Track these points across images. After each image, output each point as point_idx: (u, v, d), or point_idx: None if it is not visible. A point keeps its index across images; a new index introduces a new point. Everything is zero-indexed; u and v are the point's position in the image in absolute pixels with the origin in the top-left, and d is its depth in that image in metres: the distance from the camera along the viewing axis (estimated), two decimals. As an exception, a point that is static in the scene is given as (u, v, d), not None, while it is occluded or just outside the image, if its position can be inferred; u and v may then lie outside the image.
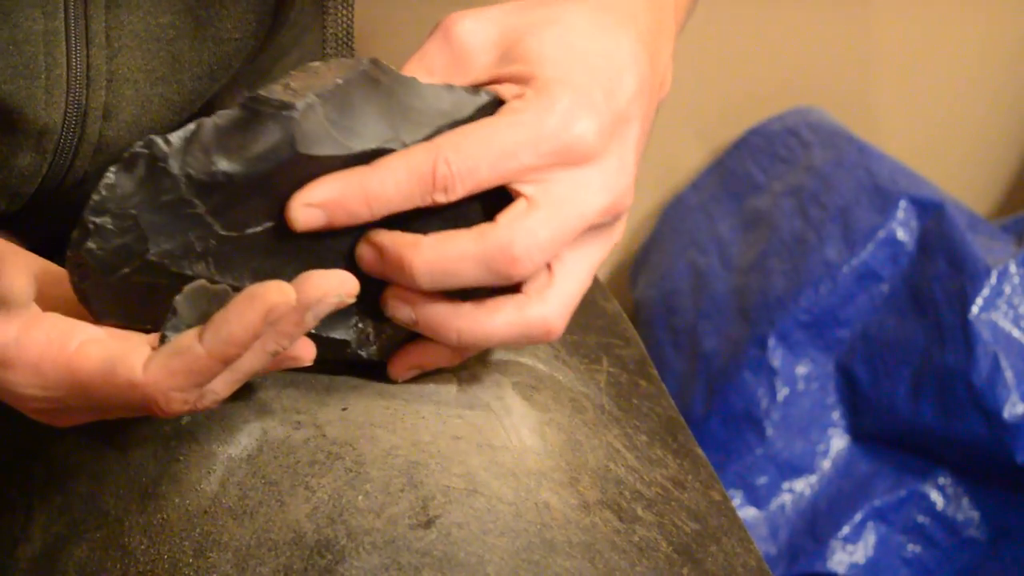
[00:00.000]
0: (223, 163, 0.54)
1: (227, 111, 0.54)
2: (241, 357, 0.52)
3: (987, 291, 1.15)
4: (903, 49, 1.42)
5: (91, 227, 0.53)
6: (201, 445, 0.58)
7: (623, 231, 0.60)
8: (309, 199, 0.55)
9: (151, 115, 0.66)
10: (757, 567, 0.62)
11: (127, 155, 0.53)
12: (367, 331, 0.59)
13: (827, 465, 1.22)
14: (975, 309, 1.15)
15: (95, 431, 0.62)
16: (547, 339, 0.57)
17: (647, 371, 0.70)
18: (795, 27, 1.39)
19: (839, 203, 1.26)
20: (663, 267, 1.37)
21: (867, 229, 1.23)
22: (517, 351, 0.64)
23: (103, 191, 0.53)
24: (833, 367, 1.24)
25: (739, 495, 1.21)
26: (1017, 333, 1.15)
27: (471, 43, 0.58)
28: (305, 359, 0.56)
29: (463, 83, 0.58)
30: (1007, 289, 1.15)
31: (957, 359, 1.15)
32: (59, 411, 0.55)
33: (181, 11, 0.64)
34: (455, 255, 0.55)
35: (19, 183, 0.65)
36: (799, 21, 1.39)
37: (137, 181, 0.53)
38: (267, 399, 0.59)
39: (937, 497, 1.19)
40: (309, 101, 0.54)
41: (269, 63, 0.77)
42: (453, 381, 0.61)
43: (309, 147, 0.54)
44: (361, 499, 0.55)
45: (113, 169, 0.53)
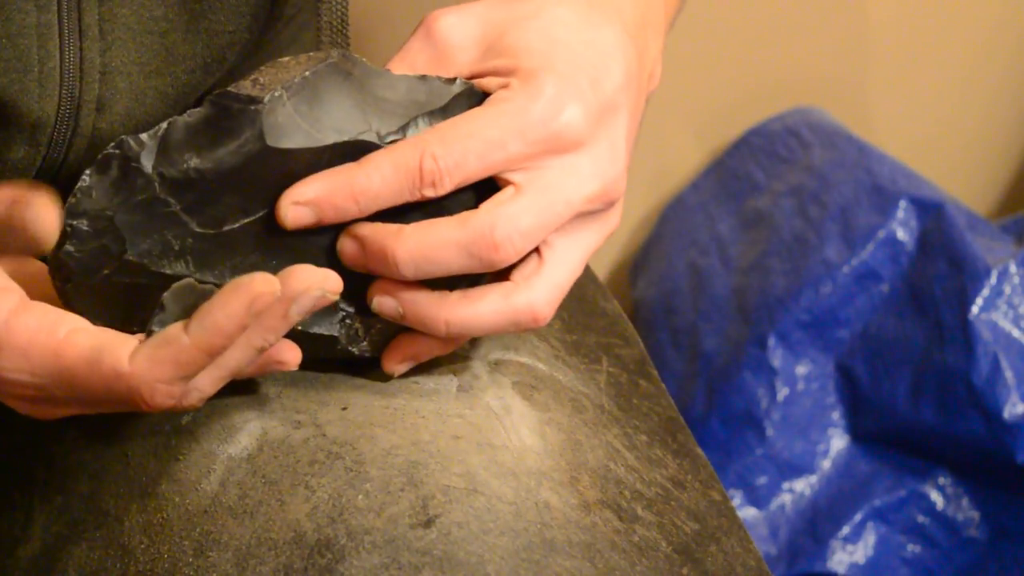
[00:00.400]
0: (194, 160, 0.54)
1: (197, 108, 0.54)
2: (226, 351, 0.52)
3: (987, 291, 1.15)
4: (903, 49, 1.42)
5: (68, 230, 0.54)
6: (201, 444, 0.58)
7: (619, 219, 0.60)
8: (297, 197, 0.55)
9: (145, 108, 0.66)
10: (757, 567, 0.62)
11: (101, 157, 0.53)
12: (355, 327, 0.59)
13: (827, 465, 1.22)
14: (975, 309, 1.15)
15: (95, 431, 0.62)
16: (535, 325, 0.57)
17: (647, 371, 0.70)
18: (795, 27, 1.39)
19: (839, 203, 1.26)
20: (663, 267, 1.37)
21: (867, 229, 1.23)
22: (516, 351, 0.64)
23: (78, 194, 0.54)
24: (833, 367, 1.24)
25: (739, 495, 1.21)
26: (1017, 333, 1.15)
27: (453, 39, 0.58)
28: (290, 363, 0.56)
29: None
30: (1007, 289, 1.15)
31: (957, 359, 1.15)
32: (43, 400, 0.55)
33: (174, 4, 0.64)
34: (437, 242, 0.55)
35: (13, 176, 0.65)
36: (799, 21, 1.39)
37: (111, 182, 0.54)
38: (267, 399, 0.59)
39: (937, 497, 1.19)
40: (276, 94, 0.54)
41: (267, 57, 0.77)
42: (453, 380, 0.61)
43: (278, 140, 0.54)
44: (361, 498, 0.55)
45: (88, 171, 0.54)
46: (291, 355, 0.56)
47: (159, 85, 0.66)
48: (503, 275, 0.57)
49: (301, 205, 0.55)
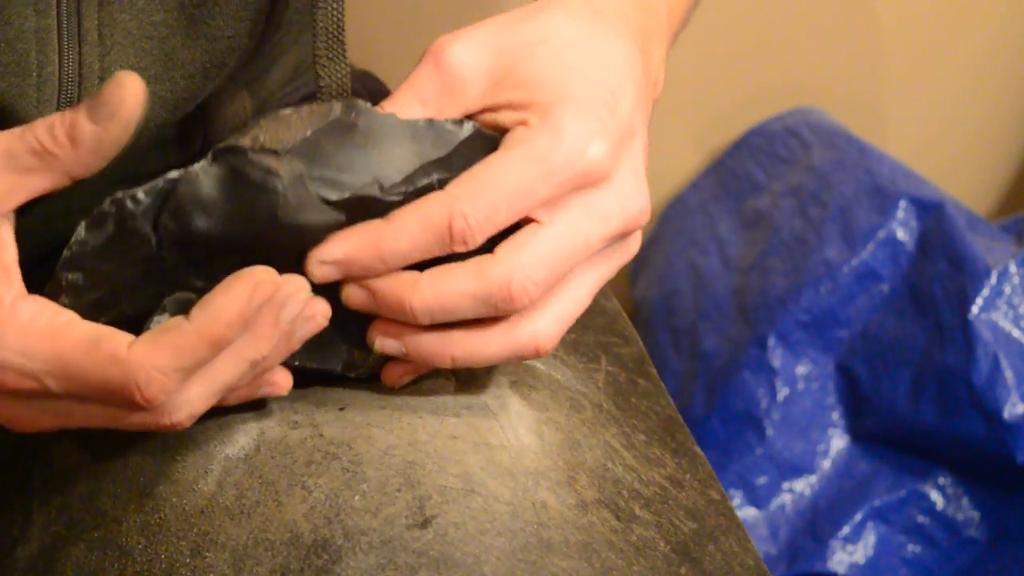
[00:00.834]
0: (200, 221, 0.53)
1: (201, 165, 0.53)
2: (219, 362, 0.52)
3: (987, 291, 1.15)
4: (903, 49, 1.42)
5: (63, 283, 0.53)
6: (198, 445, 0.58)
7: (637, 246, 0.59)
8: (324, 257, 0.55)
9: (144, 113, 0.66)
10: (755, 566, 0.62)
11: (95, 212, 0.53)
12: (353, 359, 0.59)
13: (827, 465, 1.22)
14: (975, 309, 1.15)
15: (93, 432, 0.62)
16: (537, 356, 0.57)
17: (646, 370, 0.70)
18: (795, 27, 1.39)
19: (839, 203, 1.26)
20: (663, 267, 1.37)
21: (867, 229, 1.23)
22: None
23: (74, 247, 0.53)
24: (833, 367, 1.23)
25: (739, 495, 1.21)
26: (1017, 333, 1.15)
27: (463, 70, 0.56)
28: (282, 385, 0.56)
29: (456, 111, 0.57)
30: (1007, 289, 1.15)
31: (957, 359, 1.15)
32: (32, 395, 0.54)
33: (174, 9, 0.64)
34: (453, 293, 0.55)
35: None
36: (799, 21, 1.39)
37: (107, 239, 0.53)
38: (265, 399, 0.59)
39: (937, 497, 1.19)
40: (295, 171, 0.53)
41: (268, 62, 0.77)
42: (451, 380, 0.61)
43: (293, 217, 0.53)
44: (358, 499, 0.55)
45: (82, 226, 0.53)
46: (283, 378, 0.56)
47: (158, 91, 0.66)
48: None
49: (328, 264, 0.55)
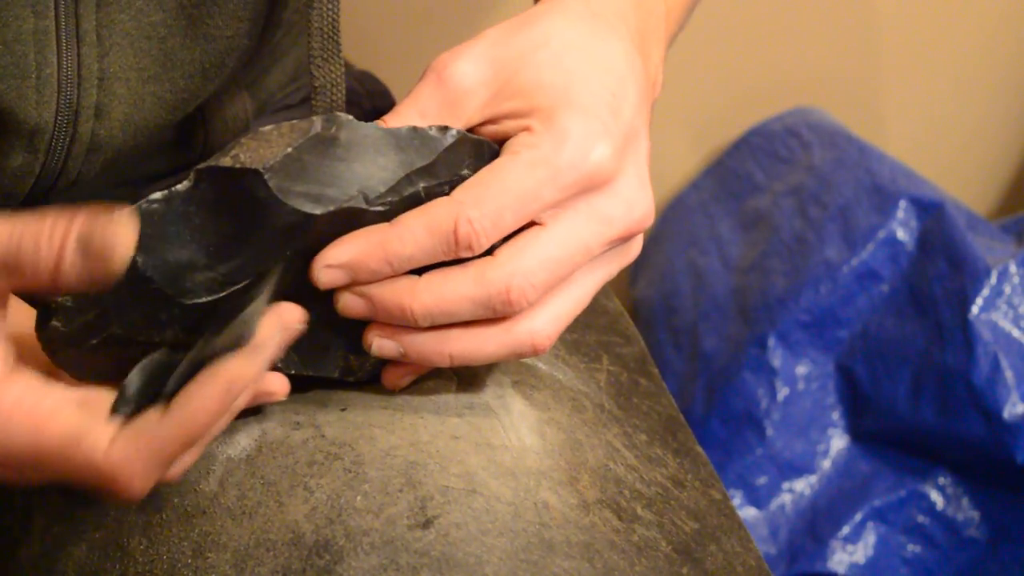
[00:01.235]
0: (182, 243, 0.53)
1: (183, 185, 0.53)
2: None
3: (987, 291, 1.15)
4: (903, 49, 1.42)
5: (54, 307, 0.53)
6: (200, 445, 0.58)
7: (639, 248, 0.60)
8: (331, 260, 0.55)
9: (144, 114, 0.66)
10: (757, 566, 0.62)
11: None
12: (351, 364, 0.59)
13: (827, 465, 1.22)
14: (975, 309, 1.15)
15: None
16: (534, 354, 0.57)
17: (647, 369, 0.70)
18: (795, 27, 1.39)
19: (839, 203, 1.26)
20: (663, 267, 1.37)
21: (867, 229, 1.23)
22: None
23: None
24: (833, 367, 1.23)
25: (739, 495, 1.21)
26: (1017, 333, 1.15)
27: (464, 84, 0.57)
28: (279, 393, 0.56)
29: (459, 124, 0.57)
30: (1007, 289, 1.15)
31: (957, 359, 1.15)
32: (12, 469, 0.53)
33: (172, 9, 0.64)
34: (453, 297, 0.55)
35: (12, 183, 0.65)
36: (799, 21, 1.39)
37: None
38: (266, 399, 0.59)
39: (937, 497, 1.19)
40: (279, 185, 0.53)
41: (268, 64, 0.77)
42: (452, 380, 0.61)
43: (279, 226, 0.54)
44: (360, 499, 0.55)
45: None
46: (279, 385, 0.56)
47: (158, 91, 0.66)
48: None
49: (335, 268, 0.55)
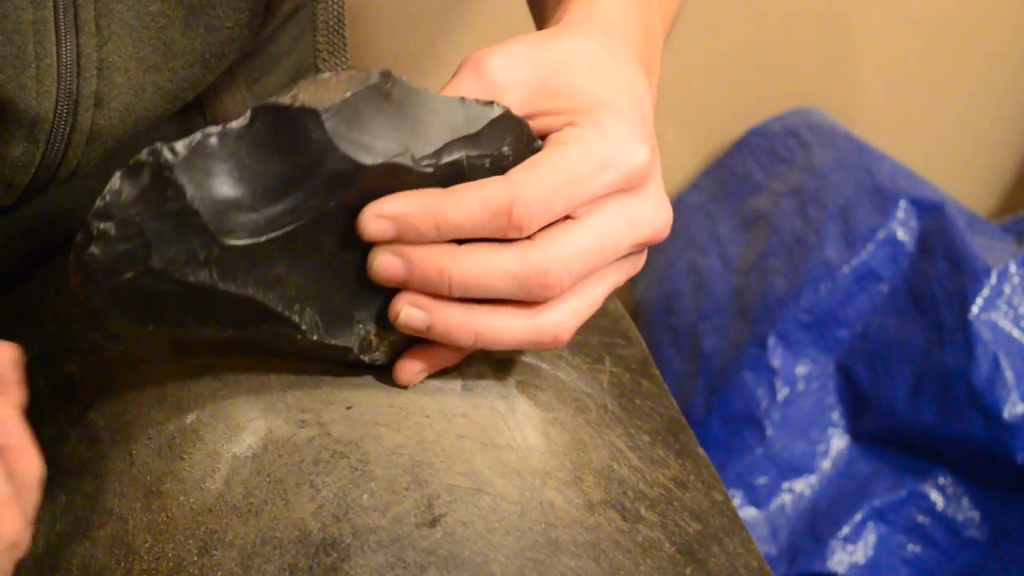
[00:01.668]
0: (234, 179, 0.54)
1: (239, 122, 0.54)
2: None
3: (987, 291, 1.15)
4: (903, 49, 1.42)
5: (95, 232, 0.53)
6: (205, 444, 0.58)
7: (643, 262, 0.61)
8: (382, 210, 0.55)
9: (144, 103, 0.66)
10: (759, 568, 0.62)
11: (132, 162, 0.53)
12: (370, 338, 0.59)
13: (827, 465, 1.22)
14: (975, 309, 1.15)
15: (99, 430, 0.62)
16: (554, 346, 0.58)
17: (649, 371, 0.70)
18: (795, 27, 1.39)
19: (839, 203, 1.26)
20: (663, 267, 1.37)
21: (867, 229, 1.23)
22: (520, 351, 0.64)
23: (107, 196, 0.53)
24: (833, 367, 1.24)
25: (739, 495, 1.22)
26: (1017, 333, 1.15)
27: (502, 78, 0.58)
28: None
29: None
30: (1007, 289, 1.16)
31: (957, 359, 1.15)
32: None
33: None
34: (494, 271, 0.56)
35: (12, 173, 0.65)
36: (799, 21, 1.39)
37: (142, 189, 0.53)
38: (272, 398, 0.59)
39: (937, 497, 1.19)
40: (336, 127, 0.54)
41: (269, 63, 0.77)
42: (458, 380, 0.61)
43: (332, 169, 0.54)
44: (366, 497, 0.55)
45: (118, 175, 0.53)
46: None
47: (158, 80, 0.66)
48: None
49: (385, 219, 0.55)
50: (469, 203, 0.55)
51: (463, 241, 0.56)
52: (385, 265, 0.56)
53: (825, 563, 1.18)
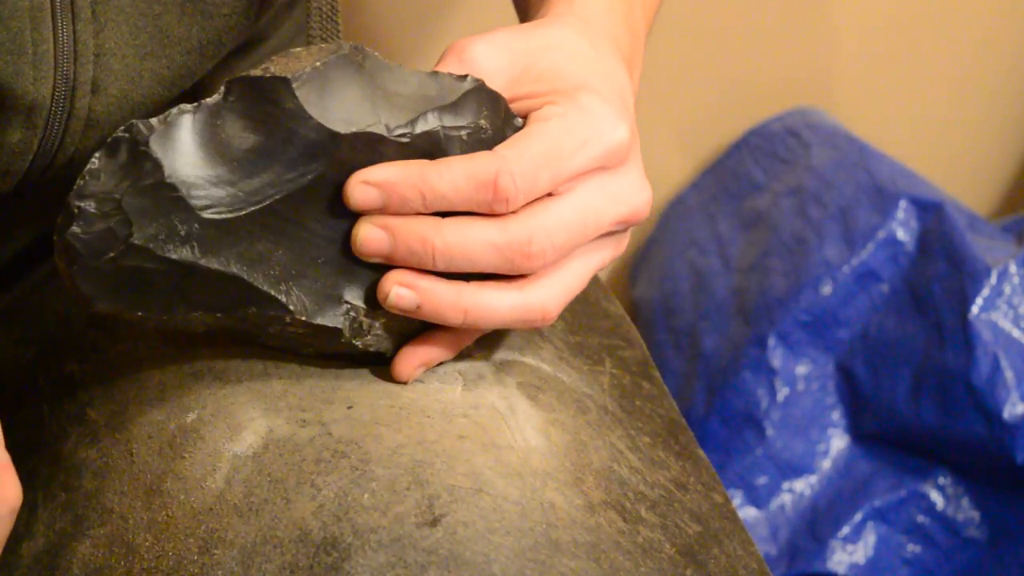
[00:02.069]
0: (208, 162, 0.55)
1: (214, 98, 0.55)
2: None
3: (987, 291, 1.15)
4: (903, 49, 1.42)
5: (75, 211, 0.54)
6: (206, 443, 0.58)
7: (627, 243, 0.62)
8: (368, 177, 0.56)
9: (141, 90, 0.66)
10: (759, 570, 0.62)
11: (110, 140, 0.54)
12: (359, 320, 0.59)
13: (827, 465, 1.22)
14: (975, 309, 1.15)
15: (99, 429, 0.62)
16: (542, 324, 0.58)
17: (649, 372, 0.70)
18: (795, 27, 1.39)
19: (839, 203, 1.26)
20: (663, 267, 1.37)
21: (867, 229, 1.23)
22: (521, 351, 0.64)
23: (86, 176, 0.54)
24: (833, 367, 1.24)
25: (739, 495, 1.21)
26: (1017, 333, 1.15)
27: (486, 66, 0.59)
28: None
29: None
30: (1007, 289, 1.16)
31: (957, 359, 1.15)
32: None
33: None
34: (476, 242, 0.56)
35: (10, 160, 0.65)
36: (799, 21, 1.39)
37: (120, 165, 0.54)
38: (273, 397, 0.59)
39: (937, 497, 1.19)
40: (308, 94, 0.54)
41: (268, 54, 0.77)
42: (458, 381, 0.61)
43: (307, 138, 0.55)
44: (367, 497, 0.55)
45: (97, 154, 0.54)
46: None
47: (155, 67, 0.66)
48: None
49: (371, 185, 0.56)
50: (455, 173, 0.55)
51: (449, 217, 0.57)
52: (369, 237, 0.57)
53: (825, 563, 1.18)
